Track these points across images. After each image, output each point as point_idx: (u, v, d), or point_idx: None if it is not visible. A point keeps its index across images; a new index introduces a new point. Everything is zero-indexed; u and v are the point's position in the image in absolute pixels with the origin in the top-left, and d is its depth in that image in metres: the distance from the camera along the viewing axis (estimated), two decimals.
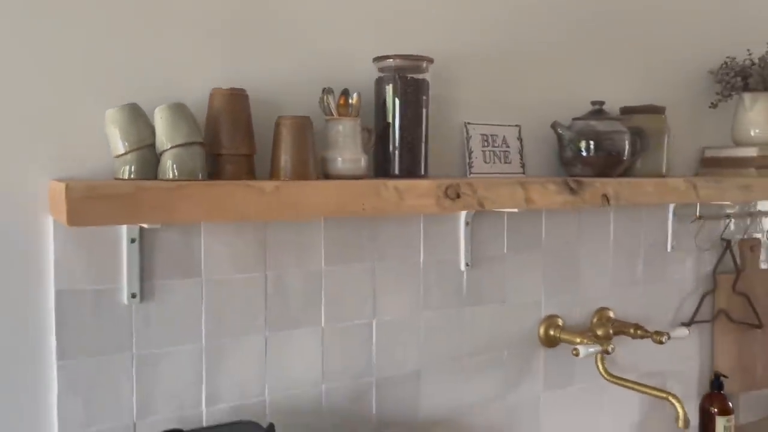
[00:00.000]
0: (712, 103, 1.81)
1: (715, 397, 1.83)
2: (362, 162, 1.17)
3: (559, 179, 1.33)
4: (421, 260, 1.40)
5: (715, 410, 1.81)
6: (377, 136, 1.24)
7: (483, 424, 1.49)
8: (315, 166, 1.11)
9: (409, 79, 1.23)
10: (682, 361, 1.86)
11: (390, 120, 1.23)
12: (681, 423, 1.42)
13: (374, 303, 1.34)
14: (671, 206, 1.78)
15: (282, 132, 1.08)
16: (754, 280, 1.97)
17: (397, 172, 1.24)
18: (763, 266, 2.01)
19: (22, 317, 1.03)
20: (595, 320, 1.66)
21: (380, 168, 1.24)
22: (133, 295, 1.08)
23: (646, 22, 1.74)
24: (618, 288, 1.71)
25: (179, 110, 1.00)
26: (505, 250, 1.51)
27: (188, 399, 1.15)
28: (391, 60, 1.22)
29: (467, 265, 1.44)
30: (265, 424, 1.13)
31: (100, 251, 1.06)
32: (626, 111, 1.62)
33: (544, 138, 1.56)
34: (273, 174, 1.09)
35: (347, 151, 1.15)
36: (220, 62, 1.15)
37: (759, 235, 1.98)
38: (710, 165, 1.83)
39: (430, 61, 1.26)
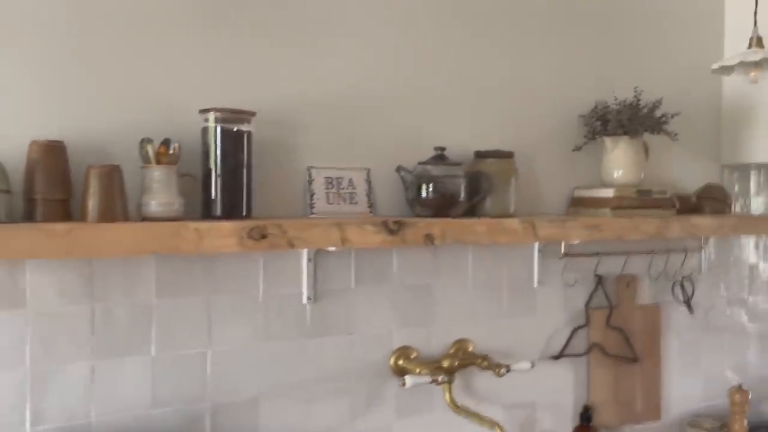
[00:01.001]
0: (576, 146, 1.90)
1: (583, 429, 1.90)
2: (176, 205, 1.29)
3: (378, 220, 1.43)
4: (260, 294, 1.50)
5: None
6: (202, 181, 1.36)
7: None
8: (123, 209, 1.24)
9: (229, 130, 1.35)
10: (554, 394, 1.92)
11: (212, 166, 1.35)
12: None
13: (209, 334, 1.45)
14: (536, 244, 1.87)
15: (90, 179, 1.21)
16: (630, 315, 2.03)
17: (219, 213, 1.35)
18: (642, 302, 2.08)
19: None
20: (451, 352, 1.74)
21: (205, 210, 1.36)
22: None
23: (520, 69, 1.84)
24: (480, 321, 1.79)
25: None
26: (353, 284, 1.62)
27: (13, 419, 1.26)
28: (213, 112, 1.35)
29: (309, 298, 1.55)
30: None
31: None
32: (479, 155, 1.73)
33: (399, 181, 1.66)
34: (82, 216, 1.22)
35: (161, 195, 1.28)
36: (45, 116, 1.28)
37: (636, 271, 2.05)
38: (577, 205, 1.92)
39: (252, 114, 1.39)
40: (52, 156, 1.22)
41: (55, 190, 1.22)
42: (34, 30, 1.28)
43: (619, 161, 1.87)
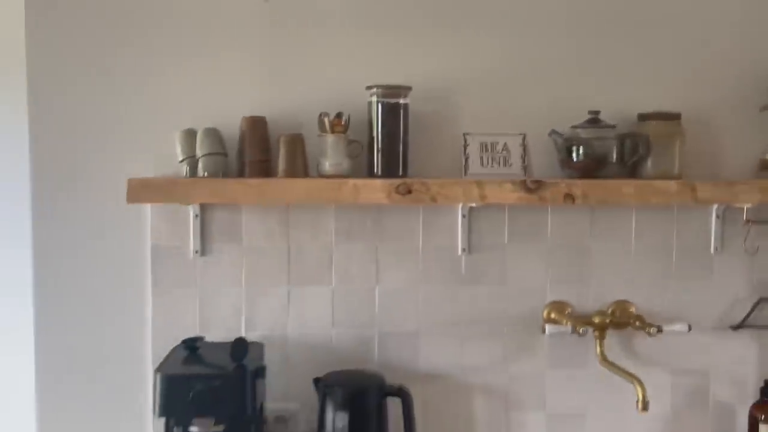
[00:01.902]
0: (764, 106, 1.77)
1: (765, 405, 1.80)
2: (344, 165, 1.61)
3: (518, 180, 1.57)
4: (420, 244, 1.75)
5: (763, 418, 1.78)
6: (367, 146, 1.65)
7: (483, 386, 1.78)
8: (304, 168, 1.59)
9: (388, 103, 1.62)
10: (733, 365, 1.85)
11: (374, 134, 1.63)
12: (640, 405, 1.53)
13: (377, 274, 1.74)
14: (714, 207, 1.80)
15: (281, 145, 1.58)
16: None
17: (379, 172, 1.63)
18: None
19: (133, 262, 1.69)
20: (609, 312, 1.79)
21: (368, 170, 1.65)
22: (197, 252, 1.68)
23: (710, 26, 1.80)
24: (644, 285, 1.80)
25: (209, 132, 1.57)
26: (506, 240, 1.77)
27: (233, 324, 1.71)
28: (374, 89, 1.62)
29: (464, 250, 1.75)
30: (284, 353, 1.66)
31: (176, 222, 1.67)
32: (641, 117, 1.74)
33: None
34: (276, 173, 1.59)
35: (332, 157, 1.60)
36: (252, 95, 1.67)
37: None
38: (766, 168, 1.79)
39: (408, 88, 1.63)
40: (256, 128, 1.61)
41: (258, 153, 1.61)
42: (244, 30, 1.68)
43: None
